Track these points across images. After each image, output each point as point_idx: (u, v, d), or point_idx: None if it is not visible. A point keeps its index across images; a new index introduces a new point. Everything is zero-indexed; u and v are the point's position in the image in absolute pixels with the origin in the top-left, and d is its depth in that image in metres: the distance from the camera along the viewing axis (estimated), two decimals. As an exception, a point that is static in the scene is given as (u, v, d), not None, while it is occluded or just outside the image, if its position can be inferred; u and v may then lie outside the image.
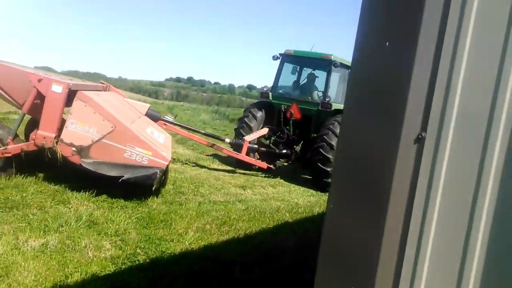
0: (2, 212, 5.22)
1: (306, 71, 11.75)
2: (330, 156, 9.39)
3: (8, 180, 6.30)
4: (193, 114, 33.39)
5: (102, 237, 4.98)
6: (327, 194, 8.28)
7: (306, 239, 6.00)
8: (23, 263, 4.05)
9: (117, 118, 6.32)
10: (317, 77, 11.43)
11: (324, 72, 10.89)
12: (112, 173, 6.17)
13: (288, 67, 11.60)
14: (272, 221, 6.65)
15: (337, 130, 9.31)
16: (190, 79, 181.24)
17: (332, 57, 10.62)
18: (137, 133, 6.42)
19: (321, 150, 9.53)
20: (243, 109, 12.23)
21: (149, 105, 8.17)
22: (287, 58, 11.46)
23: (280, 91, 11.50)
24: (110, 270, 4.29)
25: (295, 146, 11.02)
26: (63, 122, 6.42)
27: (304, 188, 10.05)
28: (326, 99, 10.40)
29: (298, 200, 8.49)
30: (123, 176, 6.12)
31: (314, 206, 8.09)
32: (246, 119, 10.81)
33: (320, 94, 11.03)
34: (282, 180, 10.29)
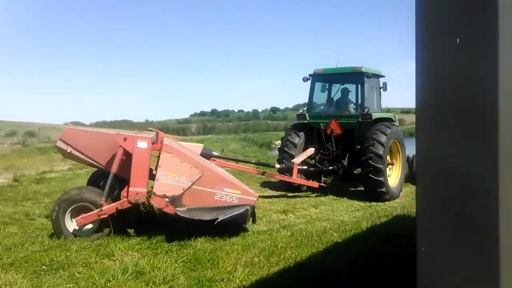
0: (48, 274, 5.16)
1: (335, 87, 11.90)
2: (380, 166, 9.61)
3: (51, 240, 6.31)
4: (222, 145, 33.36)
5: (151, 286, 4.83)
6: (373, 204, 8.00)
7: (358, 258, 5.69)
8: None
9: (202, 163, 6.59)
10: (350, 91, 11.67)
11: (356, 84, 11.25)
12: (207, 217, 6.35)
13: (319, 86, 11.82)
14: (320, 243, 6.37)
15: (381, 139, 9.73)
16: (214, 111, 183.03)
17: (363, 68, 10.84)
18: (223, 175, 6.69)
19: (370, 161, 9.66)
20: (280, 132, 12.64)
21: (202, 145, 8.21)
22: (317, 77, 11.67)
23: (316, 110, 11.69)
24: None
25: (342, 161, 11.10)
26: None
27: (346, 203, 9.77)
28: (365, 110, 10.55)
29: (343, 218, 8.19)
30: (217, 219, 6.33)
31: (361, 221, 7.77)
32: (287, 143, 10.96)
33: (355, 106, 11.18)
34: (322, 199, 10.03)
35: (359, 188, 11.30)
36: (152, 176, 6.63)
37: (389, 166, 10.29)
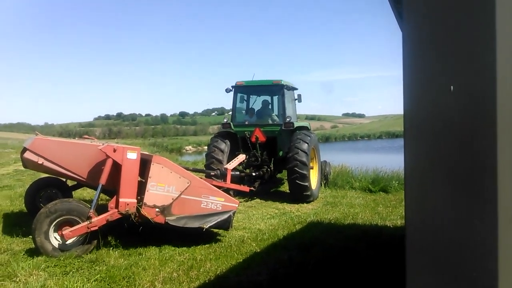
0: None
1: (254, 98, 12.84)
2: (305, 172, 10.43)
3: None
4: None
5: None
6: (286, 210, 8.06)
7: (279, 269, 5.72)
8: None
9: (189, 173, 6.84)
10: (269, 102, 12.66)
11: (277, 96, 12.27)
12: (195, 224, 6.63)
13: (241, 97, 12.56)
14: (240, 254, 6.33)
15: (304, 147, 10.56)
16: (120, 115, 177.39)
17: (282, 81, 11.75)
18: (208, 183, 7.05)
19: (296, 169, 10.42)
20: (209, 140, 12.63)
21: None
22: (239, 89, 12.28)
23: (240, 119, 12.25)
24: None
25: (271, 166, 11.64)
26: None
27: (261, 210, 9.88)
28: (287, 119, 11.37)
29: (260, 226, 8.23)
30: (205, 226, 6.63)
31: (277, 229, 7.87)
32: (214, 149, 11.25)
33: (276, 116, 12.12)
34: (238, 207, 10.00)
35: (280, 189, 12.31)
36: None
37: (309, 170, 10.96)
